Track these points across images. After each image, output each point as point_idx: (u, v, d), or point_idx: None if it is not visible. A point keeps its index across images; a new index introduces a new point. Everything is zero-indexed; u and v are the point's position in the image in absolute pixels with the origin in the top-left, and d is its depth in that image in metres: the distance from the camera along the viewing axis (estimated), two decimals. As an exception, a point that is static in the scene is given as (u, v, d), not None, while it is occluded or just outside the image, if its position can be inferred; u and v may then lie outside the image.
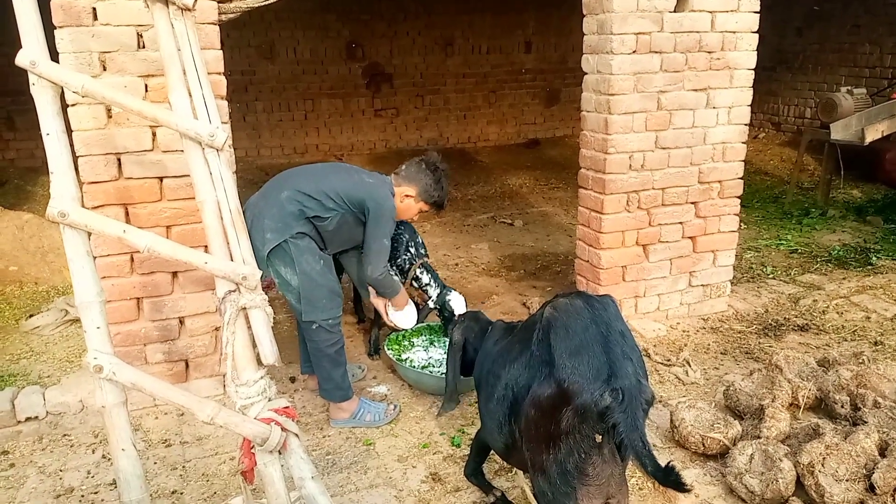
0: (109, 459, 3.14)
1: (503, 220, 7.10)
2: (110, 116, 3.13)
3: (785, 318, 4.49)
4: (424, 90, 10.03)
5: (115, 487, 2.96)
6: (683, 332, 4.32)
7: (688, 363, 3.85)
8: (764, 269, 5.43)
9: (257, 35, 9.01)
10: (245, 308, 2.36)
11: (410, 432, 3.31)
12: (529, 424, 2.07)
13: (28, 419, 3.35)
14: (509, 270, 5.67)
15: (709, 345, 4.16)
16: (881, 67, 8.73)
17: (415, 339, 3.92)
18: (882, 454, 2.74)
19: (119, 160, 3.18)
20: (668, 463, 1.85)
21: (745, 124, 4.30)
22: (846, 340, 4.17)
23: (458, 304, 3.82)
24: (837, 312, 4.54)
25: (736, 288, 4.97)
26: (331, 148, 9.67)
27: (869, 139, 6.05)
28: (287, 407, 2.44)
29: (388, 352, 3.72)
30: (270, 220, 3.12)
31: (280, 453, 2.37)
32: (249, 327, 2.38)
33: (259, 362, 2.39)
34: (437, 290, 3.87)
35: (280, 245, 3.11)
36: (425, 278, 3.89)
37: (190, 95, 2.43)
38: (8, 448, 3.24)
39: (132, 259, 3.31)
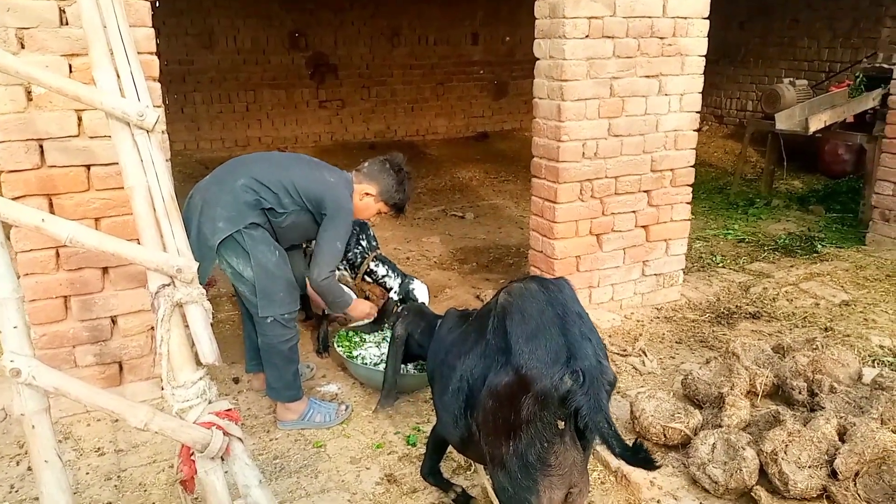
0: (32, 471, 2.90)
1: (454, 213, 6.99)
2: (31, 99, 2.87)
3: (737, 305, 4.50)
4: (371, 81, 9.84)
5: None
6: (638, 321, 4.28)
7: (644, 353, 3.80)
8: (714, 259, 5.45)
9: (195, 23, 8.67)
10: (181, 303, 2.17)
11: (363, 432, 3.16)
12: (487, 416, 1.95)
13: (-55, 430, 3.08)
14: (462, 263, 5.56)
15: (663, 334, 4.12)
16: (819, 61, 8.96)
17: (366, 336, 3.76)
18: (842, 439, 2.72)
19: (41, 147, 2.93)
20: (636, 440, 1.75)
21: (697, 112, 4.28)
22: (797, 327, 4.19)
23: (421, 292, 3.68)
24: (787, 300, 4.57)
25: (687, 277, 4.96)
26: (274, 140, 9.39)
27: (813, 128, 6.14)
28: (230, 410, 2.26)
29: (338, 349, 3.56)
30: (223, 208, 2.90)
31: (223, 460, 2.19)
32: (186, 325, 2.20)
33: (198, 362, 2.21)
34: (399, 280, 3.72)
35: (232, 235, 2.90)
36: (381, 270, 3.74)
37: (118, 74, 2.23)
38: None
39: (58, 254, 3.06)
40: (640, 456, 1.71)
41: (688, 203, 4.43)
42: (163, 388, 2.19)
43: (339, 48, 9.53)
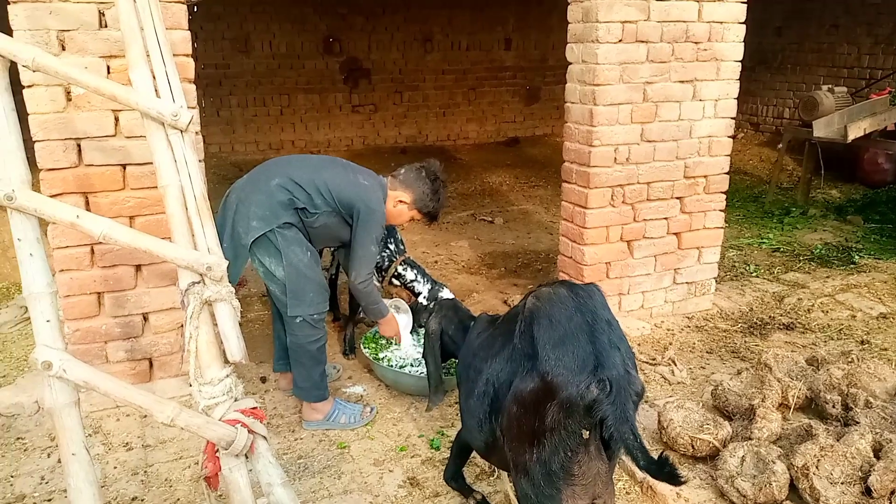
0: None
1: (483, 218, 6.97)
2: (69, 99, 2.94)
3: (770, 316, 4.41)
4: (403, 86, 9.88)
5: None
6: (668, 330, 4.22)
7: (673, 362, 3.74)
8: (747, 268, 5.35)
9: (232, 28, 8.80)
10: (210, 301, 2.19)
11: (387, 435, 3.16)
12: (512, 422, 1.93)
13: (-28, 422, 3.15)
14: (490, 268, 5.54)
15: (694, 343, 4.06)
16: (859, 68, 8.76)
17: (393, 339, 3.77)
18: (876, 455, 2.65)
19: (79, 146, 2.99)
20: (661, 454, 1.71)
21: (732, 118, 4.22)
22: (832, 339, 4.09)
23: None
24: (822, 311, 4.47)
25: (720, 286, 4.88)
26: (307, 144, 9.48)
27: (851, 136, 6.01)
28: (255, 408, 2.27)
29: (365, 350, 3.57)
30: (258, 207, 2.94)
31: (247, 457, 2.21)
32: (215, 323, 2.22)
33: (225, 360, 2.23)
34: (428, 286, 3.72)
35: (265, 234, 2.94)
36: (410, 274, 3.74)
37: (153, 75, 2.27)
38: (-44, 453, 3.04)
39: (92, 251, 3.12)
40: (665, 469, 1.67)
41: (721, 210, 4.36)
42: (190, 385, 2.21)
43: (372, 53, 9.60)
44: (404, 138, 10.05)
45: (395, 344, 3.59)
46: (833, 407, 3.08)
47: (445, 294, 3.70)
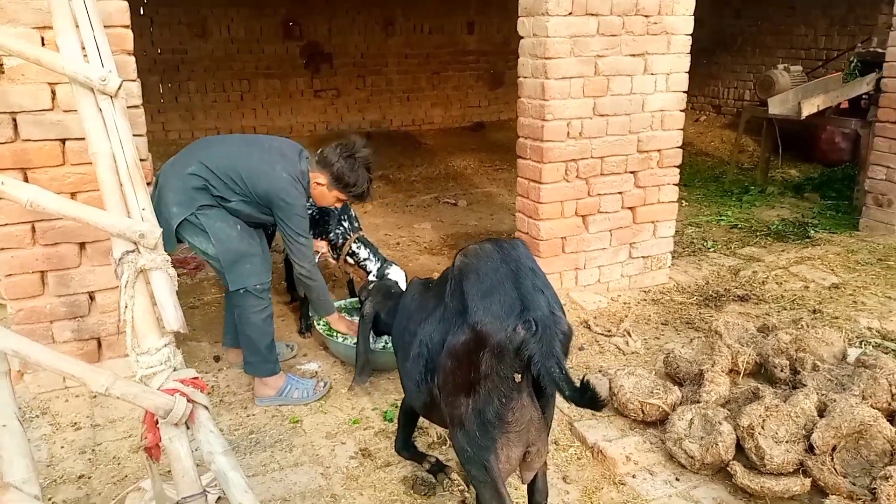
0: (9, 446, 2.88)
1: (447, 201, 6.96)
2: (2, 72, 2.85)
3: (725, 289, 4.46)
4: (366, 70, 9.81)
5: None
6: (625, 303, 4.25)
7: (628, 333, 3.77)
8: (705, 244, 5.41)
9: (188, 12, 8.64)
10: (144, 269, 2.15)
11: (341, 408, 3.14)
12: (447, 377, 1.94)
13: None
14: (452, 249, 5.52)
15: (650, 316, 4.09)
16: (815, 49, 8.89)
17: (347, 316, 3.73)
18: (821, 415, 2.69)
19: (14, 120, 2.90)
20: (583, 378, 1.72)
21: (684, 91, 4.24)
22: (785, 309, 4.16)
23: (397, 277, 3.65)
24: (777, 283, 4.54)
25: (677, 261, 4.93)
26: (269, 130, 9.34)
27: (805, 113, 6.09)
28: (196, 378, 2.23)
29: (319, 326, 3.53)
30: (174, 193, 2.94)
31: (188, 427, 2.17)
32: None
33: (163, 329, 2.19)
34: (378, 265, 3.70)
35: (187, 219, 2.93)
36: (363, 252, 3.71)
37: (82, 44, 2.21)
38: None
39: (34, 229, 3.04)
40: (587, 395, 1.68)
41: (675, 184, 4.40)
42: (127, 355, 2.17)
43: (333, 37, 9.50)
44: (368, 123, 9.97)
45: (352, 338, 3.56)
46: (781, 371, 3.13)
47: (394, 272, 3.68)
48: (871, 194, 5.47)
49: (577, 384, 1.68)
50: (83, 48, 2.21)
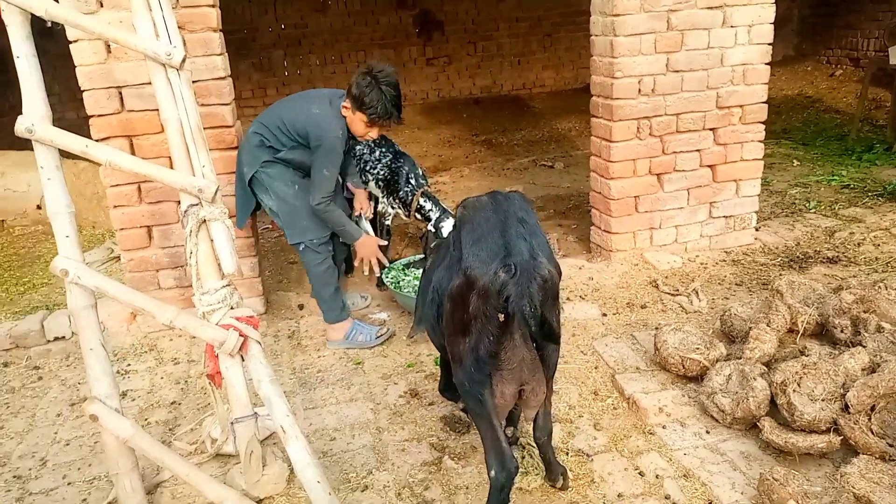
0: (122, 374, 3.39)
1: (544, 164, 7.00)
2: (109, 51, 3.29)
3: (815, 250, 4.27)
4: (477, 37, 9.91)
5: (124, 398, 3.21)
6: (701, 264, 4.18)
7: (696, 293, 3.73)
8: (807, 204, 5.14)
9: (308, -12, 9.12)
10: (206, 220, 2.47)
11: (400, 353, 3.40)
12: (448, 319, 2.12)
13: (56, 339, 3.64)
14: (539, 210, 5.61)
15: (725, 276, 4.01)
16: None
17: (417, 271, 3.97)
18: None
19: (120, 93, 3.35)
20: (542, 315, 1.86)
21: (768, 44, 4.05)
22: (877, 272, 3.92)
23: (449, 228, 3.83)
24: (874, 244, 4.27)
25: (770, 222, 4.75)
26: (383, 98, 9.72)
27: (931, 62, 5.54)
28: (251, 316, 2.55)
29: (386, 279, 3.80)
30: (244, 153, 3.34)
31: (242, 358, 2.50)
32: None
33: (223, 273, 2.51)
34: (438, 214, 3.90)
35: (254, 176, 3.30)
36: (428, 205, 3.92)
37: (154, 23, 2.54)
38: (39, 364, 3.54)
39: (139, 189, 3.51)
40: (544, 328, 1.83)
41: (760, 141, 4.23)
42: (193, 294, 2.52)
43: (444, 5, 9.66)
44: (479, 89, 10.10)
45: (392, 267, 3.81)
46: (842, 332, 3.02)
47: (446, 223, 3.85)
48: None
49: (541, 323, 1.81)
50: (156, 27, 2.55)
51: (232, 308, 2.52)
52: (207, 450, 2.72)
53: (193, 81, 3.43)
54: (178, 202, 3.50)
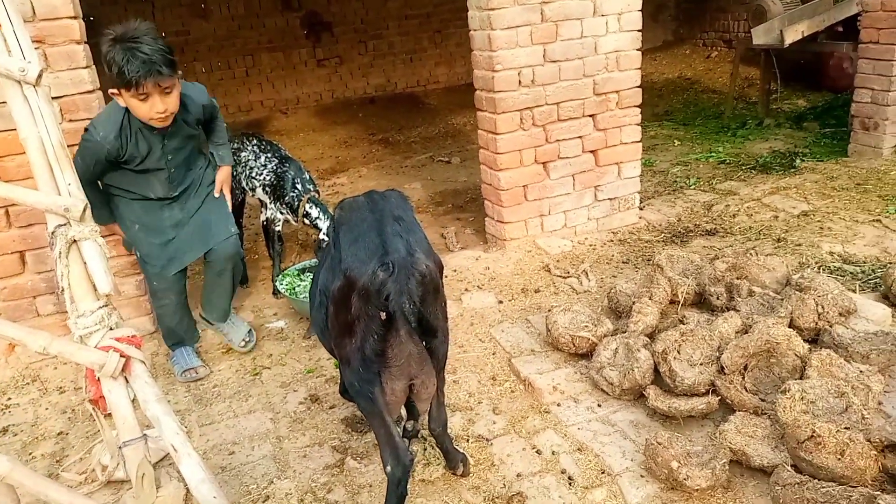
0: (2, 410, 3.21)
1: (441, 159, 7.07)
2: (-39, 69, 3.09)
3: (695, 224, 4.51)
4: (367, 36, 9.88)
5: (5, 434, 3.04)
6: (590, 246, 4.34)
7: (585, 274, 3.87)
8: (687, 182, 5.42)
9: (187, -7, 8.84)
10: (76, 240, 2.37)
11: (299, 360, 3.36)
12: (333, 321, 2.12)
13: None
14: (437, 206, 5.68)
15: (612, 256, 4.18)
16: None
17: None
18: (742, 337, 2.78)
19: (-24, 114, 3.16)
20: (419, 311, 1.93)
21: (638, 30, 4.23)
22: (750, 241, 4.18)
23: None
24: (747, 215, 4.55)
25: (653, 201, 4.98)
26: (276, 103, 9.57)
27: (789, 40, 5.96)
28: (133, 335, 2.47)
29: (280, 286, 3.75)
30: None
31: (126, 380, 2.41)
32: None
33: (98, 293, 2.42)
34: (327, 223, 3.88)
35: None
36: (314, 212, 3.88)
37: (5, 39, 2.41)
38: None
39: (7, 213, 3.32)
40: (422, 324, 1.94)
41: (637, 125, 4.42)
42: (67, 319, 2.41)
43: (332, 5, 9.58)
44: (373, 88, 10.08)
45: None
46: (718, 299, 3.21)
47: None
48: (857, 118, 5.37)
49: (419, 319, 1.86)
50: (6, 43, 2.42)
51: (111, 329, 2.43)
52: (98, 478, 2.62)
53: (60, 97, 3.29)
54: (51, 224, 3.39)
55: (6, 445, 2.91)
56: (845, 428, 2.15)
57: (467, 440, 2.65)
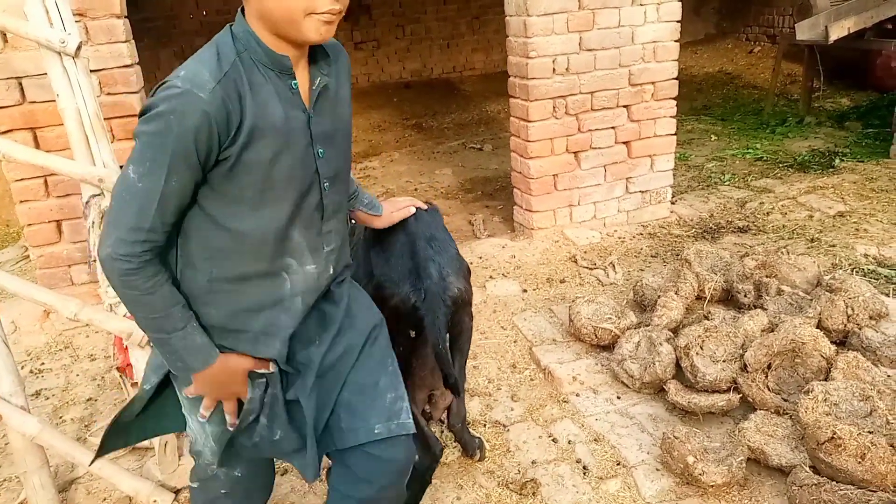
0: (36, 374, 3.31)
1: (473, 146, 7.06)
2: (6, 41, 3.17)
3: (727, 221, 4.44)
4: (405, 20, 9.86)
5: (38, 398, 3.13)
6: (619, 238, 4.30)
7: (612, 266, 3.85)
8: (721, 177, 5.33)
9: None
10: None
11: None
12: None
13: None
14: (467, 192, 5.67)
15: (641, 249, 4.14)
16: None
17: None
18: (767, 336, 2.74)
19: (21, 84, 3.24)
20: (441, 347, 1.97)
21: (677, 21, 4.17)
22: (783, 239, 4.11)
23: None
24: (781, 213, 4.47)
25: (686, 195, 4.92)
26: (312, 85, 9.60)
27: (834, 37, 5.81)
28: (161, 306, 2.53)
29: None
30: None
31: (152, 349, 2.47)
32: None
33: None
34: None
35: None
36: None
37: (46, 9, 2.47)
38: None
39: (46, 182, 3.40)
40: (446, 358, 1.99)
41: (672, 117, 4.36)
42: (98, 288, 2.47)
43: (371, -12, 9.59)
44: (409, 73, 10.07)
45: None
46: (745, 296, 3.16)
47: None
48: (901, 119, 5.23)
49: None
50: (48, 14, 2.47)
51: (140, 299, 2.48)
52: (124, 444, 2.69)
53: (99, 70, 3.35)
54: (87, 194, 3.47)
55: (38, 408, 3.00)
56: (868, 432, 2.12)
57: (484, 425, 2.66)
